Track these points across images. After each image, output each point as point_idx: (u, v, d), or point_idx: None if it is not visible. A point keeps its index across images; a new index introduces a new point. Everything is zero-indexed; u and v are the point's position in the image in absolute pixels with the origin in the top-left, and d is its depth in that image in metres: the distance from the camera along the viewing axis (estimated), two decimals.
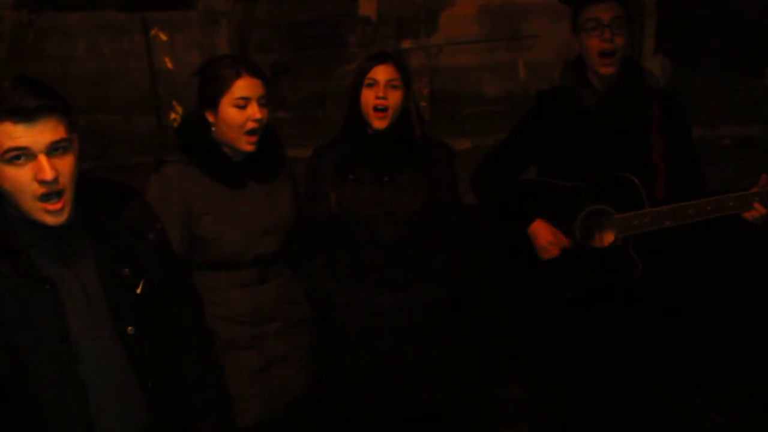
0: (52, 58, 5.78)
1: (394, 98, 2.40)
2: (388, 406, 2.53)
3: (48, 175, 1.53)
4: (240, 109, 2.23)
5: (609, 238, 2.50)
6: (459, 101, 5.77)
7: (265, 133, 2.33)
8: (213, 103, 2.25)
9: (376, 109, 2.39)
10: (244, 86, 2.23)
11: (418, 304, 2.50)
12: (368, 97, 2.40)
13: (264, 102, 2.27)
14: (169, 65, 5.60)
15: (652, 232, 2.44)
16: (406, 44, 5.66)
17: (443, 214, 2.54)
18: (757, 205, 2.27)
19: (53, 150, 1.55)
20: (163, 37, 5.67)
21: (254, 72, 2.26)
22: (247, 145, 2.26)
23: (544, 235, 2.51)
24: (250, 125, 2.24)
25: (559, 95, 2.59)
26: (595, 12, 2.42)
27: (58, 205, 1.57)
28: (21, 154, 1.53)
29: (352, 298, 2.48)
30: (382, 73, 2.40)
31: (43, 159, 1.53)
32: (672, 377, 2.86)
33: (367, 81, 2.40)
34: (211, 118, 2.27)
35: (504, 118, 5.31)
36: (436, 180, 2.51)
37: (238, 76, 2.22)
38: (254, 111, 2.23)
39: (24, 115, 1.51)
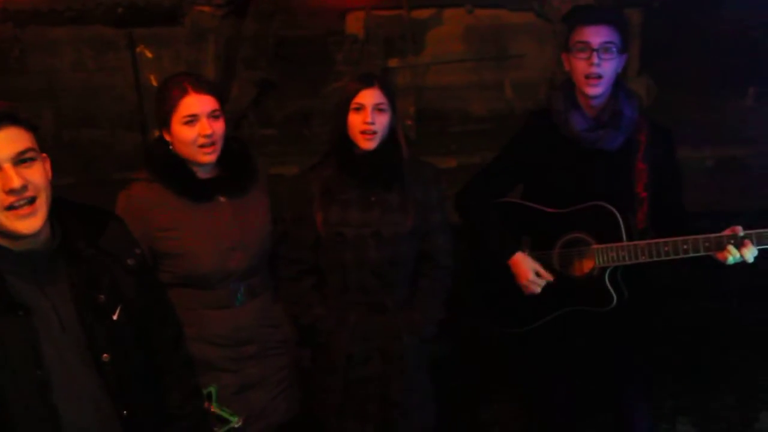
0: (36, 72, 5.74)
1: (381, 121, 2.42)
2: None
3: (15, 182, 1.51)
4: (189, 126, 2.25)
5: (587, 267, 2.50)
6: (445, 120, 5.77)
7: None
8: (166, 123, 2.27)
9: (363, 132, 2.40)
10: (191, 104, 2.24)
11: (407, 328, 2.48)
12: (356, 122, 2.40)
13: (217, 114, 2.28)
14: (154, 83, 5.56)
15: (630, 265, 2.44)
16: (393, 63, 5.66)
17: (432, 236, 2.53)
18: (729, 248, 2.30)
19: (20, 161, 1.54)
20: (149, 54, 5.64)
21: (201, 88, 2.27)
22: (203, 156, 2.29)
23: (524, 273, 2.50)
24: (201, 140, 2.26)
25: (547, 117, 2.59)
26: (585, 35, 2.42)
27: (29, 210, 1.54)
28: None
29: (342, 323, 2.47)
30: (368, 97, 2.40)
31: (9, 168, 1.52)
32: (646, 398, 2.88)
33: (353, 105, 2.41)
34: (167, 137, 2.29)
35: (490, 137, 5.32)
36: (424, 201, 2.51)
37: (184, 93, 2.23)
38: (203, 127, 2.25)
39: None
